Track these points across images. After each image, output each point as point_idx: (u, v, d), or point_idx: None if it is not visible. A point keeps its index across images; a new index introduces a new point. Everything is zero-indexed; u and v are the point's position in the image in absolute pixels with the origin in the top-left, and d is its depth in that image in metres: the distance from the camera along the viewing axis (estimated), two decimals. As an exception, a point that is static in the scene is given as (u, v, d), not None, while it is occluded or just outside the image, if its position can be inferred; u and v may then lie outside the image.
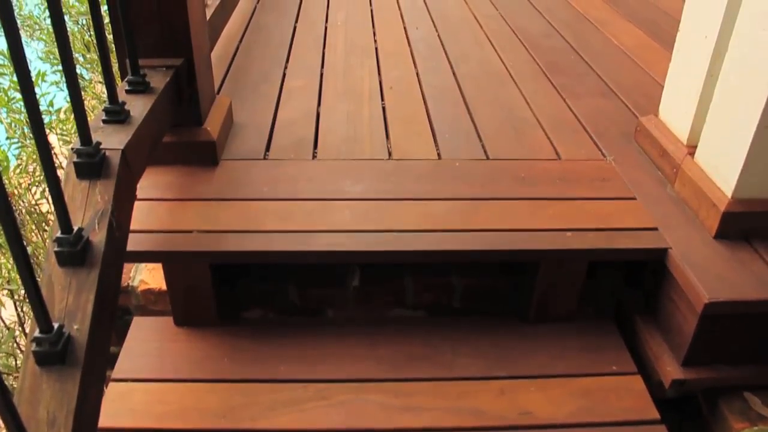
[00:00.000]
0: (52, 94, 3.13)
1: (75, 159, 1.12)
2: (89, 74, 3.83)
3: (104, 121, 1.24)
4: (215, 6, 1.98)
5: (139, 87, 1.38)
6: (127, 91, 1.37)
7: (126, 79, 1.39)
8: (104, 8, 1.45)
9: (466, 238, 1.40)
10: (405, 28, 2.63)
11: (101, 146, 1.15)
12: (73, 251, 0.99)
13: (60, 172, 1.03)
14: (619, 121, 1.91)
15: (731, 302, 1.28)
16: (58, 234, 0.99)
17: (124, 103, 1.27)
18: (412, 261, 1.46)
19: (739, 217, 1.41)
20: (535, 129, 1.85)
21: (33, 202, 2.90)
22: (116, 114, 1.25)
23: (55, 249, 0.99)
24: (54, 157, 3.08)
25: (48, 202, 2.65)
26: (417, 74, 2.17)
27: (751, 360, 1.39)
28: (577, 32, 2.62)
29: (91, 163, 1.11)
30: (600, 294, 1.57)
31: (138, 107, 1.32)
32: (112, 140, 1.18)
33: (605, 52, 2.43)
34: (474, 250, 1.38)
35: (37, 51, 4.25)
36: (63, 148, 3.21)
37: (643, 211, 1.51)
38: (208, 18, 1.82)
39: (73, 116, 1.14)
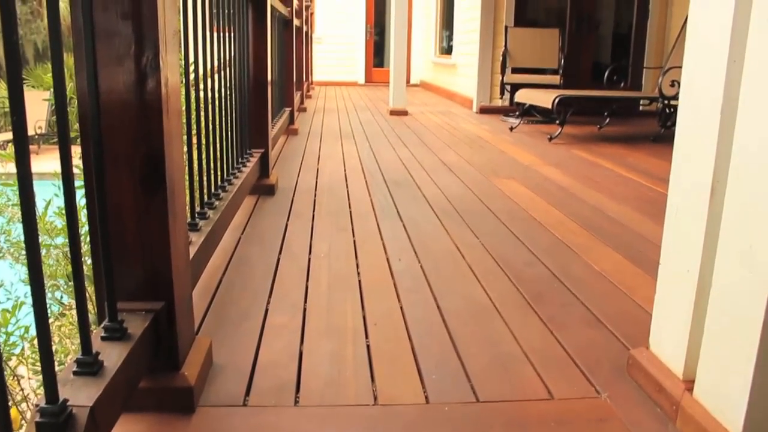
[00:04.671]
0: (30, 321, 3.09)
1: (38, 418, 1.04)
2: (69, 299, 3.81)
3: (75, 373, 1.18)
4: (199, 244, 1.99)
5: (116, 334, 1.33)
6: (102, 338, 1.32)
7: (102, 325, 1.34)
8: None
9: (461, 495, 1.29)
10: (388, 259, 2.65)
11: (68, 403, 1.08)
12: None
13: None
14: (610, 353, 1.87)
15: None
16: None
17: (97, 354, 1.22)
18: None
19: (752, 461, 1.33)
20: (524, 365, 1.79)
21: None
22: (88, 366, 1.19)
23: None
24: (22, 390, 2.97)
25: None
26: (401, 309, 2.14)
27: None
28: (558, 259, 2.66)
29: (54, 423, 1.04)
30: None
31: (113, 357, 1.26)
32: (81, 396, 1.12)
33: (588, 279, 2.45)
34: None
35: (21, 273, 4.27)
36: (32, 380, 3.10)
37: (646, 455, 1.42)
38: (191, 256, 1.82)
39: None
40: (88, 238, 1.49)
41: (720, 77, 1.41)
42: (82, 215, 2.28)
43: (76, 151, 1.36)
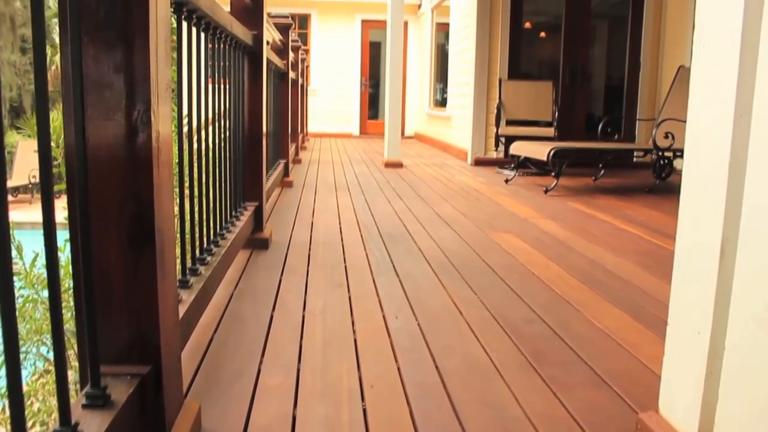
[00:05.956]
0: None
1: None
2: (51, 353, 3.71)
3: (52, 446, 1.11)
4: (190, 302, 1.92)
5: (98, 401, 1.26)
6: (83, 406, 1.24)
7: (84, 392, 1.27)
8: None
9: None
10: (384, 316, 2.58)
11: (42, 479, 1.00)
12: None
13: None
14: (616, 415, 1.79)
15: None
16: None
17: (77, 424, 1.14)
18: None
19: None
20: (527, 430, 1.71)
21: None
22: (66, 438, 1.12)
23: None
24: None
25: None
26: (398, 369, 2.06)
27: None
28: (558, 316, 2.60)
29: (25, 504, 0.96)
30: None
31: (93, 427, 1.18)
32: (57, 471, 1.04)
33: (590, 336, 2.38)
34: None
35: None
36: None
37: None
38: (181, 315, 1.75)
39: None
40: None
41: (727, 133, 1.37)
42: (71, 268, 2.21)
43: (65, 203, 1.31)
